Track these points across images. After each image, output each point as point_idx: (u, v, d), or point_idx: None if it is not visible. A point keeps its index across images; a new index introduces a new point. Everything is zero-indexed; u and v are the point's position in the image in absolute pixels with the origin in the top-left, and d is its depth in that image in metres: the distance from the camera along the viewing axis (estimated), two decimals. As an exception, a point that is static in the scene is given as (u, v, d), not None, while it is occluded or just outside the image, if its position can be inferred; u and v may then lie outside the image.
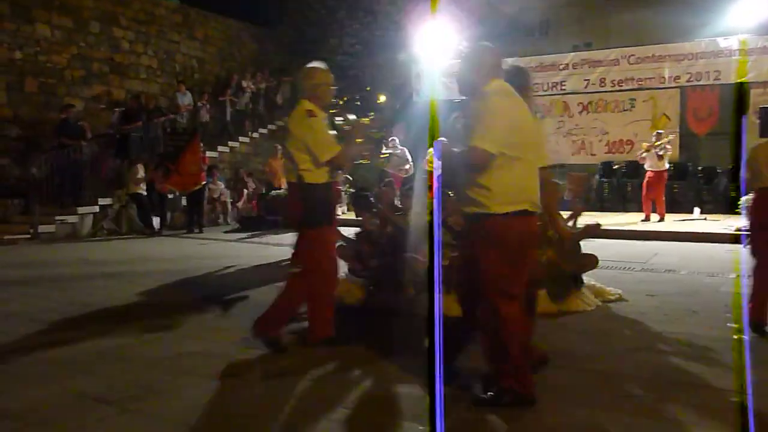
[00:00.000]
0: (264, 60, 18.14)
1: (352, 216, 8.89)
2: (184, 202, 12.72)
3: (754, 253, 4.41)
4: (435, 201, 2.83)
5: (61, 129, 11.77)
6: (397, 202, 5.77)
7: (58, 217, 11.15)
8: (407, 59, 13.76)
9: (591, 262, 5.65)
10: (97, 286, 6.17)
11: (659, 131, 11.59)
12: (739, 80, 11.69)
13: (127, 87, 14.60)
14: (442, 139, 2.97)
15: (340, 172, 4.14)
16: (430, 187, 2.89)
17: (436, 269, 2.77)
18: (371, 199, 7.08)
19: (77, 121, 12.07)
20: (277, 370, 3.59)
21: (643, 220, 11.28)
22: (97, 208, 11.78)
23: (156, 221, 11.88)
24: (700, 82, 12.50)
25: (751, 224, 4.49)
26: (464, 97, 3.21)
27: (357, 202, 8.86)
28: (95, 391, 3.28)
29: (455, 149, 3.01)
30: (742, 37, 11.70)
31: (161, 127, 13.42)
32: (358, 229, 5.66)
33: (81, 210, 11.49)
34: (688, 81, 12.48)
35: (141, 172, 11.74)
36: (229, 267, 7.46)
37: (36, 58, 12.95)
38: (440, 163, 2.88)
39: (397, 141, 12.63)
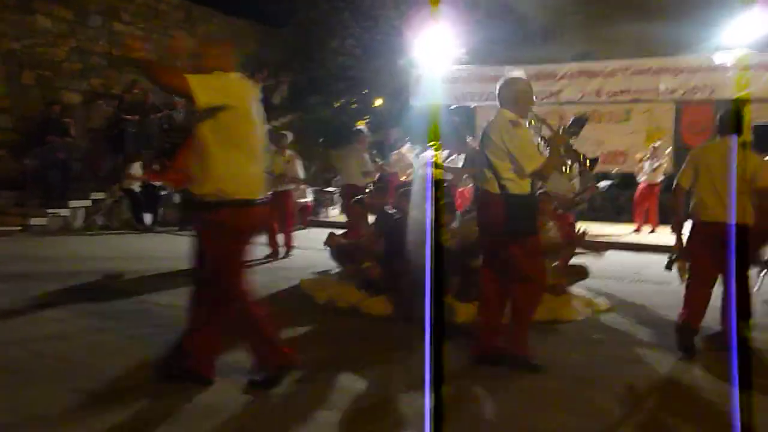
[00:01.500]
0: (264, 59, 18.10)
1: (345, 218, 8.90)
2: (177, 199, 12.67)
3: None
4: (427, 204, 2.84)
5: (45, 126, 11.79)
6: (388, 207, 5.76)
7: (50, 210, 11.09)
8: (407, 63, 13.79)
9: (581, 272, 5.69)
10: (91, 282, 6.14)
11: (654, 145, 11.64)
12: (736, 96, 11.74)
13: (125, 82, 14.53)
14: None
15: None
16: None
17: (428, 273, 2.78)
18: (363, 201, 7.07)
19: (62, 118, 12.04)
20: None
21: (635, 231, 11.37)
22: (89, 202, 11.73)
23: (148, 217, 11.83)
24: (696, 96, 12.57)
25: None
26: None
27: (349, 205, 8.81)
28: (89, 386, 3.27)
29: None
30: (739, 53, 11.76)
31: (157, 124, 13.36)
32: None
33: (73, 203, 11.44)
34: (683, 95, 12.54)
35: (139, 170, 11.70)
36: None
37: (34, 49, 12.90)
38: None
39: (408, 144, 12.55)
